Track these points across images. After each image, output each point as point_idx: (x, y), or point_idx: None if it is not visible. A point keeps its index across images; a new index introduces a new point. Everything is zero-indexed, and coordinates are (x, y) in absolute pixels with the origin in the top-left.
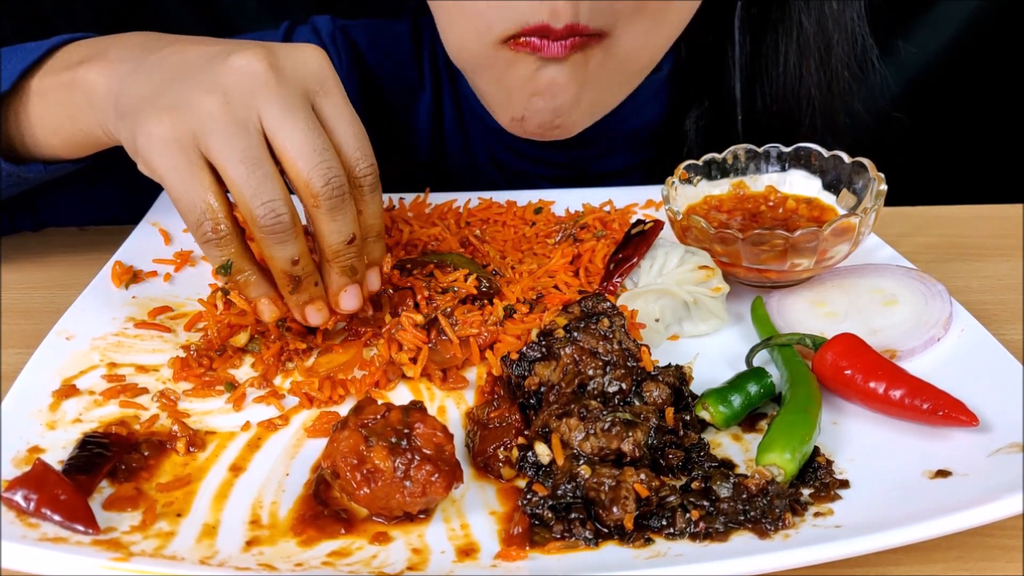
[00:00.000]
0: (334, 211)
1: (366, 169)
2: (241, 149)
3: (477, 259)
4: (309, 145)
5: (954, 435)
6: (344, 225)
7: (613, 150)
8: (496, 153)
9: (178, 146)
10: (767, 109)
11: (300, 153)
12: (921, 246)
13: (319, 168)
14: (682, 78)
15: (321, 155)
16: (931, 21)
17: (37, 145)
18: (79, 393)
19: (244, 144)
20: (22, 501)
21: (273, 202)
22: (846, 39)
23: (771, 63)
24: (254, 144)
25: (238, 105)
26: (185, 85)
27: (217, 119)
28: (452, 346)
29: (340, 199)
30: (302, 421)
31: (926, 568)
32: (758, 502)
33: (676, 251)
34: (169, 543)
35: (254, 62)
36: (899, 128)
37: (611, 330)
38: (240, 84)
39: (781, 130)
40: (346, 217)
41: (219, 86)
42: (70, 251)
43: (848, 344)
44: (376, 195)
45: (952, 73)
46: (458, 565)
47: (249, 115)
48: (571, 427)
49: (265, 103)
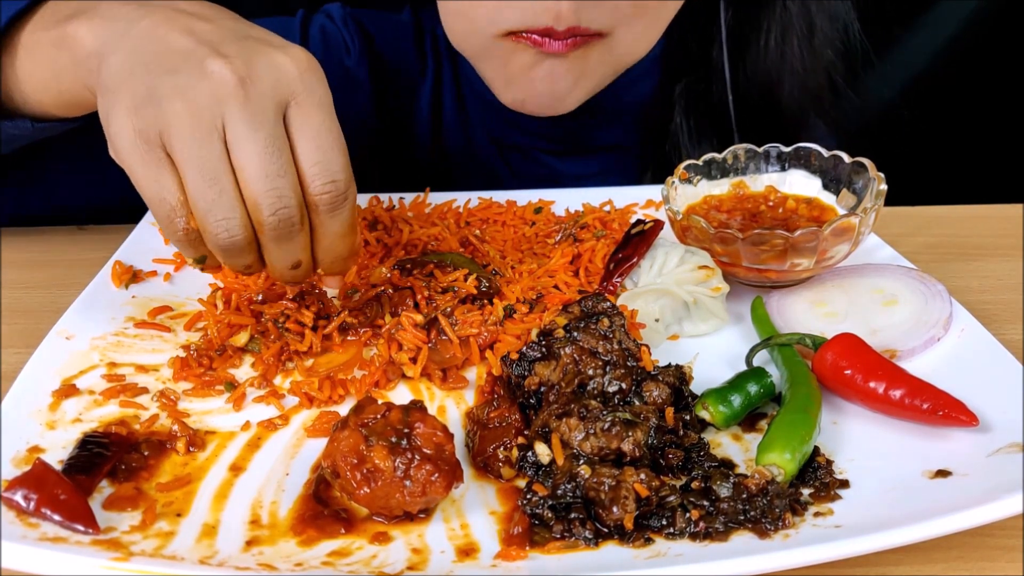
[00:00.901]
0: (279, 240)
1: (322, 187)
2: (201, 160)
3: (477, 259)
4: (263, 169)
5: (954, 435)
6: (288, 253)
7: (607, 123)
8: (495, 128)
9: (145, 141)
10: (750, 82)
11: (252, 175)
12: (921, 246)
13: (268, 196)
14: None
15: (272, 181)
16: (931, 21)
17: (25, 102)
18: (79, 393)
19: (205, 155)
20: (22, 501)
21: (226, 220)
22: (828, 18)
23: (753, 39)
24: (215, 156)
25: (204, 112)
26: (161, 79)
27: (183, 123)
28: (452, 346)
29: (287, 230)
30: (302, 421)
31: (926, 568)
32: (758, 502)
33: (676, 251)
34: (169, 543)
35: (227, 72)
36: (899, 126)
37: (611, 330)
38: (210, 92)
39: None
40: (293, 245)
41: (190, 91)
42: (70, 251)
43: (848, 344)
44: (337, 215)
45: (952, 73)
46: (458, 565)
47: (214, 123)
48: (571, 427)
49: (230, 114)
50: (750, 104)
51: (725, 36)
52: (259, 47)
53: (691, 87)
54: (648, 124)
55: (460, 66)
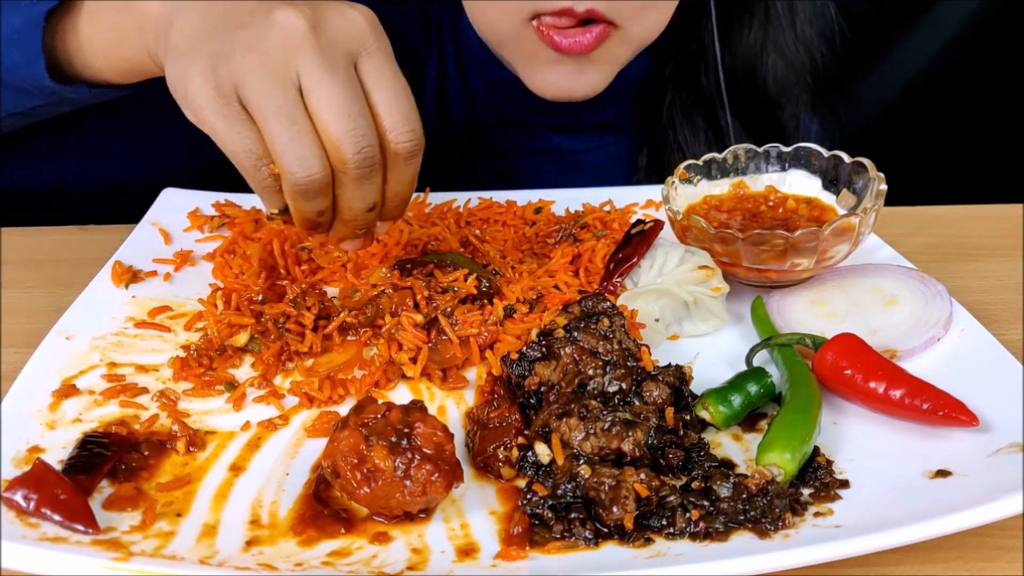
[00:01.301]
0: (360, 180)
1: (404, 135)
2: (277, 105)
3: (477, 259)
4: (343, 109)
5: (954, 435)
6: (368, 193)
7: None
8: (497, 105)
9: (222, 98)
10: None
11: (332, 117)
12: (921, 246)
13: (350, 135)
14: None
15: (355, 121)
16: (931, 21)
17: (85, 66)
18: (79, 393)
19: (280, 100)
20: (22, 501)
21: (305, 159)
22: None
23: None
24: (290, 100)
25: (277, 62)
26: (231, 36)
27: (257, 74)
28: (452, 346)
29: (369, 169)
30: (302, 421)
31: (926, 568)
32: (758, 502)
33: (676, 251)
34: (169, 543)
35: (297, 20)
36: (899, 126)
37: (611, 330)
38: (281, 41)
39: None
40: (372, 186)
41: (261, 41)
42: (70, 251)
43: (848, 344)
44: (412, 164)
45: (952, 73)
46: (458, 565)
47: (288, 72)
48: (571, 427)
49: (304, 61)
50: (736, 84)
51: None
52: (322, 3)
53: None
54: (642, 101)
55: (463, 48)
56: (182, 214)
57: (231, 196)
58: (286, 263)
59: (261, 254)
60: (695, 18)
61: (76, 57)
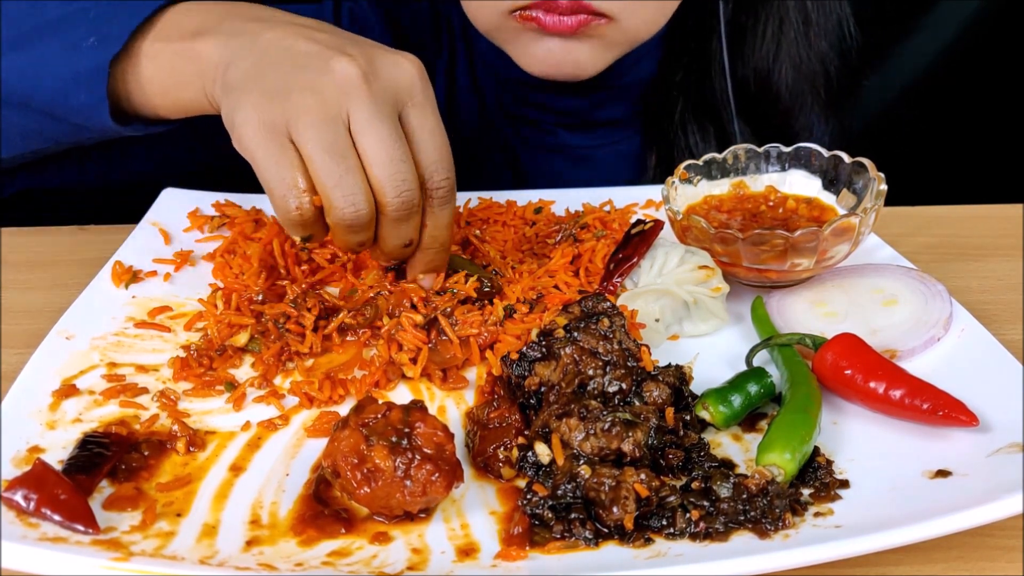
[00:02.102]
0: (399, 221)
1: (441, 182)
2: (329, 141)
3: (477, 259)
4: (387, 153)
5: (954, 435)
6: (405, 232)
7: (612, 100)
8: (506, 104)
9: (271, 130)
10: (747, 70)
11: (378, 159)
12: (921, 246)
13: (393, 179)
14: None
15: (397, 165)
16: (931, 22)
17: (145, 104)
18: (79, 393)
19: (332, 137)
20: (22, 501)
21: (353, 196)
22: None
23: (751, 30)
24: (341, 138)
25: (331, 103)
26: (288, 76)
27: (311, 112)
28: (452, 346)
29: (408, 211)
30: (302, 421)
31: (926, 568)
32: (758, 502)
33: (676, 251)
34: (169, 543)
35: (352, 68)
36: (899, 126)
37: (611, 330)
38: (336, 85)
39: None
40: (410, 226)
41: (318, 85)
42: (70, 251)
43: (848, 344)
44: (446, 208)
45: (952, 73)
46: (458, 565)
47: (339, 112)
48: (571, 427)
49: (355, 106)
50: (748, 92)
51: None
52: (379, 50)
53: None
54: (650, 101)
55: (474, 46)
56: (182, 214)
57: (231, 196)
58: (286, 263)
59: (261, 254)
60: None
61: (136, 97)
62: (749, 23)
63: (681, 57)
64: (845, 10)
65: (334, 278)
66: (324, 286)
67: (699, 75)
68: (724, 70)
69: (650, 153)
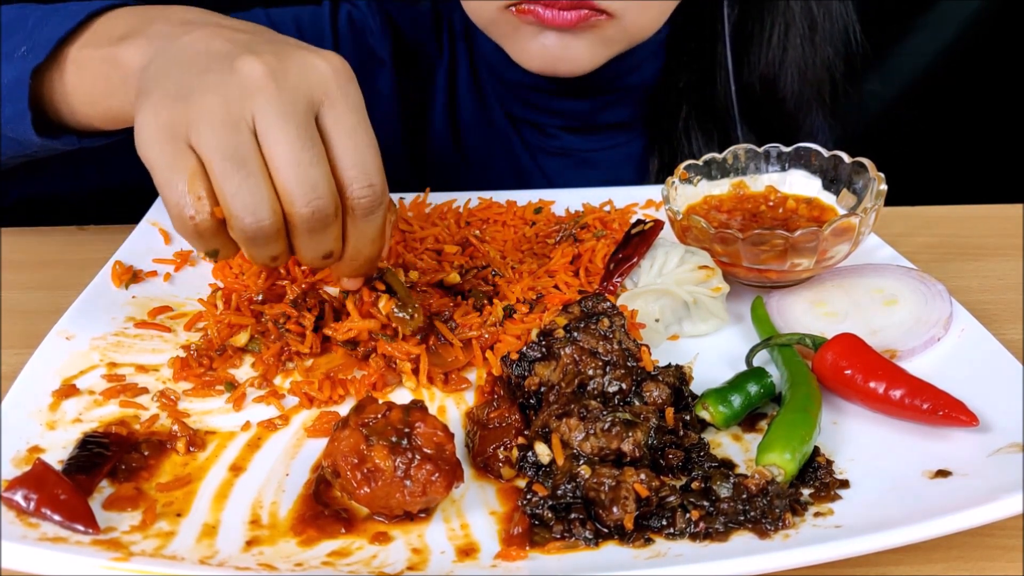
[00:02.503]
0: (312, 232)
1: (362, 190)
2: (229, 145)
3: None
4: (295, 156)
5: (954, 435)
6: (321, 244)
7: (615, 103)
8: (508, 106)
9: (169, 135)
10: (752, 76)
11: (283, 164)
12: (921, 246)
13: (301, 185)
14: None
15: (305, 170)
16: (931, 21)
17: (72, 114)
18: (79, 393)
19: (233, 141)
20: (22, 501)
21: (254, 204)
22: (830, 17)
23: (757, 36)
24: (243, 143)
25: (234, 105)
26: (194, 78)
27: (211, 114)
28: (453, 350)
29: (321, 222)
30: (302, 421)
31: (926, 568)
32: (758, 502)
33: (676, 251)
34: (169, 543)
35: (257, 67)
36: (899, 126)
37: (611, 330)
38: (239, 85)
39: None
40: (326, 236)
41: (221, 86)
42: (70, 251)
43: (848, 344)
44: (371, 220)
45: (952, 73)
46: (458, 565)
47: (243, 115)
48: (571, 427)
49: (260, 107)
50: (752, 98)
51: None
52: (293, 49)
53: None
54: (654, 104)
55: (476, 48)
56: None
57: None
58: (286, 263)
59: None
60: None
61: (64, 105)
62: (755, 29)
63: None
64: (851, 15)
65: (334, 278)
66: (324, 286)
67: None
68: (729, 76)
69: (653, 157)
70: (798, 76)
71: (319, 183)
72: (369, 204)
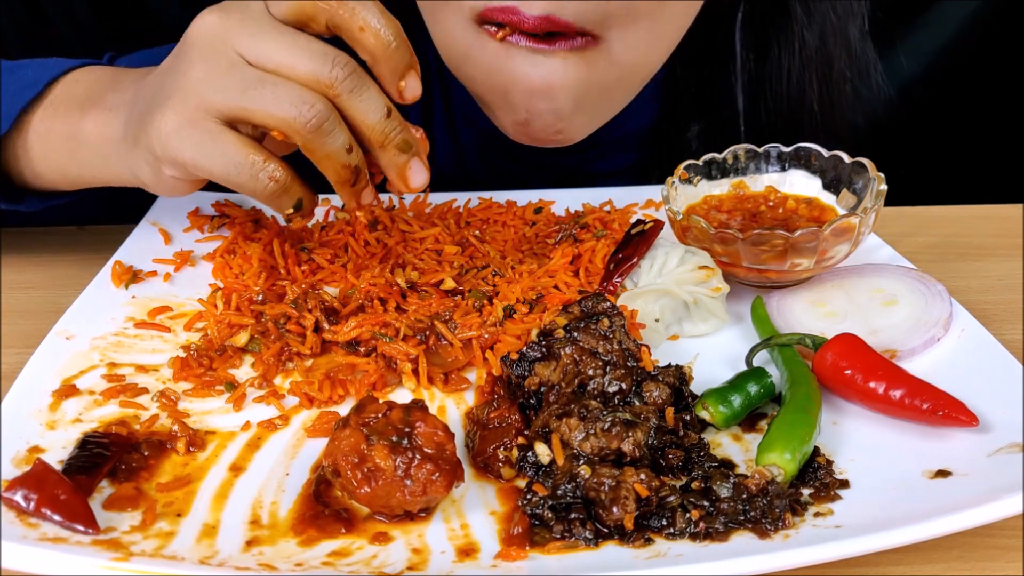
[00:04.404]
0: (355, 92)
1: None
2: (239, 83)
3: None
4: (293, 47)
5: (954, 435)
6: (372, 100)
7: (607, 153)
8: (489, 157)
9: (190, 125)
10: (770, 121)
11: (289, 55)
12: (921, 246)
13: (316, 61)
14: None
15: (309, 48)
16: (931, 21)
17: (37, 177)
18: (79, 393)
19: (239, 78)
20: (22, 501)
21: (296, 100)
22: (848, 54)
23: (775, 79)
24: (248, 73)
25: (215, 57)
26: (168, 79)
27: (206, 79)
28: (453, 350)
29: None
30: (302, 421)
31: (926, 568)
32: (758, 502)
33: (676, 251)
34: (169, 543)
35: (207, 18)
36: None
37: (611, 330)
38: (207, 41)
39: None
40: (370, 92)
41: (193, 56)
42: (70, 251)
43: (848, 344)
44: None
45: (952, 73)
46: (458, 565)
47: (230, 58)
48: (571, 427)
49: (235, 40)
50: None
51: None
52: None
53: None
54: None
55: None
56: (182, 214)
57: (231, 196)
58: (286, 263)
59: (261, 254)
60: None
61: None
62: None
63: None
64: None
65: (334, 278)
66: (324, 286)
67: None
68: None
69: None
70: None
71: (325, 49)
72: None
